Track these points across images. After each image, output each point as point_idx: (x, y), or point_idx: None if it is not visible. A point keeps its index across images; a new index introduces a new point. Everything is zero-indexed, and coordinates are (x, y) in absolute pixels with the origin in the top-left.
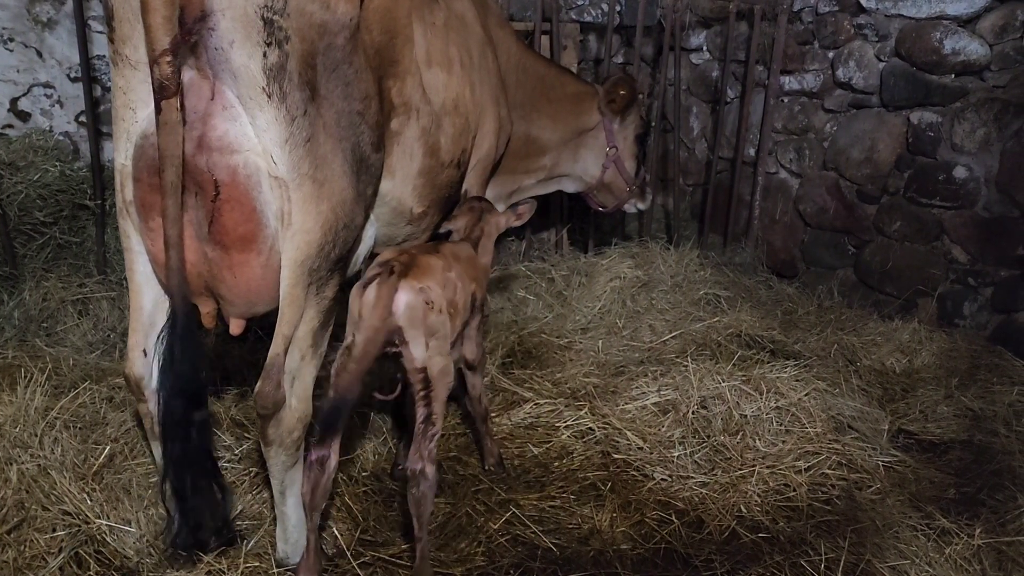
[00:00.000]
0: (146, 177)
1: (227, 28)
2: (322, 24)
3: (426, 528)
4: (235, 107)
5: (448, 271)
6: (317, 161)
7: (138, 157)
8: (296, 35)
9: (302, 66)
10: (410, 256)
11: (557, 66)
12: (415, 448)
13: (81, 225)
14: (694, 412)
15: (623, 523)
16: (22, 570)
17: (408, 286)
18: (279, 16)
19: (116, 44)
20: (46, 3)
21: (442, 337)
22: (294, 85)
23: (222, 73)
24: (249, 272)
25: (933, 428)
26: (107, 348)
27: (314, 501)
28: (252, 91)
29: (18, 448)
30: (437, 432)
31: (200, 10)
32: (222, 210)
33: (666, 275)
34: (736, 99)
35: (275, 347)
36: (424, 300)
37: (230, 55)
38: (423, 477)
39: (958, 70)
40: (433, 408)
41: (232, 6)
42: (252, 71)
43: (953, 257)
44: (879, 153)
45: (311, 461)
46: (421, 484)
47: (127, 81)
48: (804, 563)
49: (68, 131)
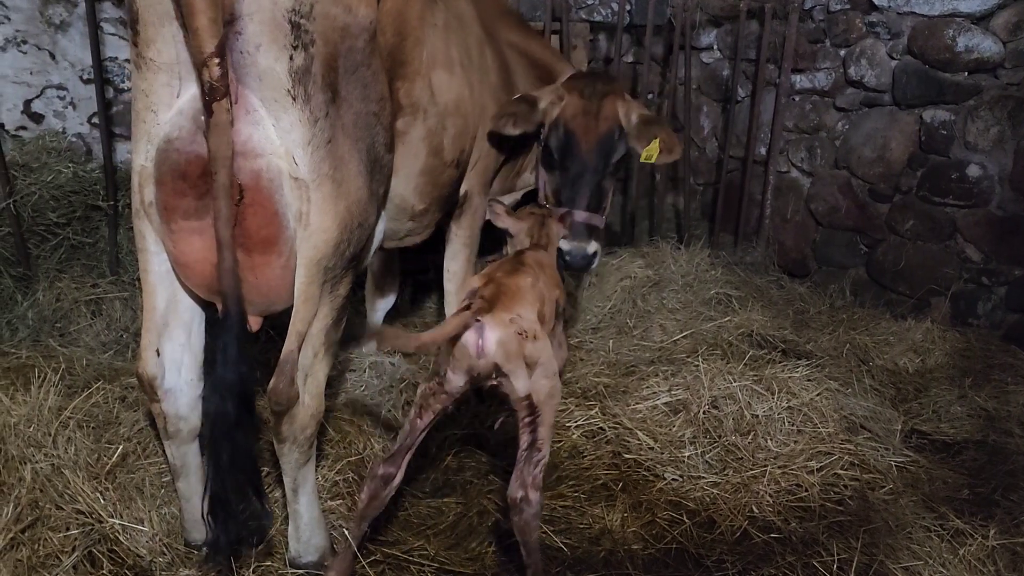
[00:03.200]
0: (170, 181)
1: (254, 32)
2: (344, 27)
3: (536, 554)
4: (258, 111)
5: (536, 284)
6: (336, 162)
7: (161, 161)
8: (320, 38)
9: (325, 68)
10: (496, 285)
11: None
12: (517, 475)
13: (94, 226)
14: (705, 412)
15: (634, 523)
16: (36, 568)
17: (496, 321)
18: (305, 20)
19: (140, 47)
20: (59, 5)
21: (545, 361)
22: (318, 87)
23: (246, 77)
24: (270, 273)
25: (946, 428)
26: (120, 348)
27: (367, 511)
28: (277, 94)
29: (32, 447)
30: (543, 458)
31: (228, 15)
32: (245, 214)
33: (677, 275)
34: (747, 98)
35: (289, 344)
36: (516, 331)
37: (256, 58)
38: (526, 504)
39: (971, 68)
40: (539, 434)
41: (260, 10)
42: (278, 74)
43: (967, 256)
44: (891, 152)
45: (376, 474)
46: (525, 511)
47: (149, 84)
48: (816, 564)
49: (81, 133)
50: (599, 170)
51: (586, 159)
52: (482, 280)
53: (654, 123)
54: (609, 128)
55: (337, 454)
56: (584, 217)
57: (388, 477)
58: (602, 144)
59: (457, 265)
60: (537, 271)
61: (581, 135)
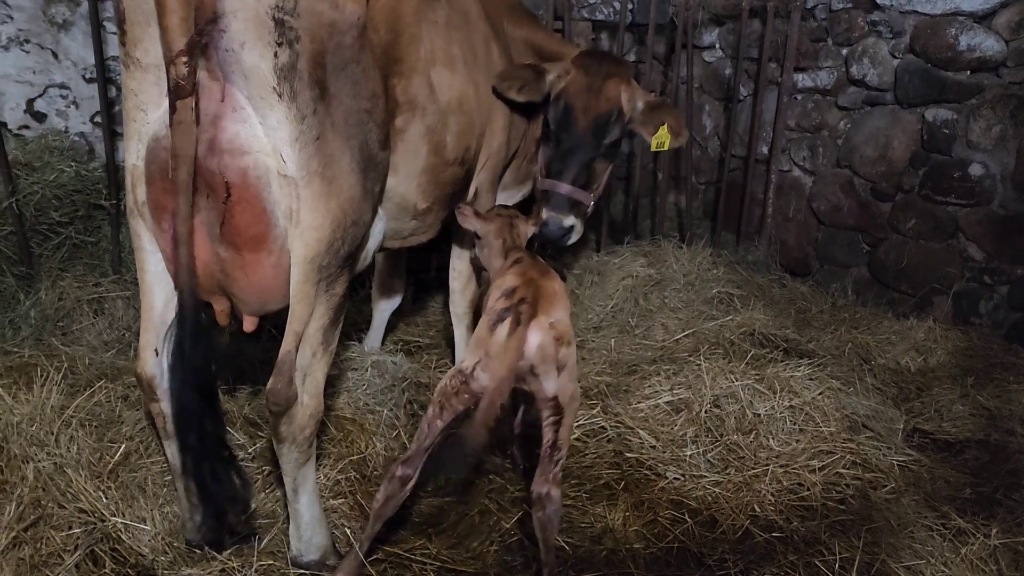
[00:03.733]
0: (159, 179)
1: (238, 30)
2: (331, 23)
3: (552, 552)
4: (245, 108)
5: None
6: (326, 159)
7: (150, 159)
8: (306, 35)
9: (312, 65)
10: (535, 287)
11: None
12: (541, 471)
13: (96, 225)
14: (707, 411)
15: (636, 522)
16: (38, 567)
17: (539, 326)
18: (290, 16)
19: (127, 47)
20: (62, 5)
21: (572, 365)
22: (304, 84)
23: (232, 75)
24: (261, 271)
25: (948, 427)
26: (122, 347)
27: (382, 511)
28: (263, 91)
29: (34, 446)
30: (563, 457)
31: (212, 12)
32: (233, 211)
33: (679, 273)
34: (749, 97)
35: (286, 344)
36: (554, 337)
37: (241, 56)
38: (549, 500)
39: (974, 66)
40: (560, 434)
41: (244, 8)
42: (263, 71)
43: (969, 255)
44: (893, 151)
45: (395, 475)
46: (547, 507)
47: (138, 83)
48: (818, 563)
49: (83, 132)
50: (591, 147)
51: (579, 134)
52: (518, 279)
53: (660, 108)
54: (608, 108)
55: (339, 453)
56: (567, 190)
57: (406, 479)
58: (598, 122)
59: (464, 264)
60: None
61: (579, 110)
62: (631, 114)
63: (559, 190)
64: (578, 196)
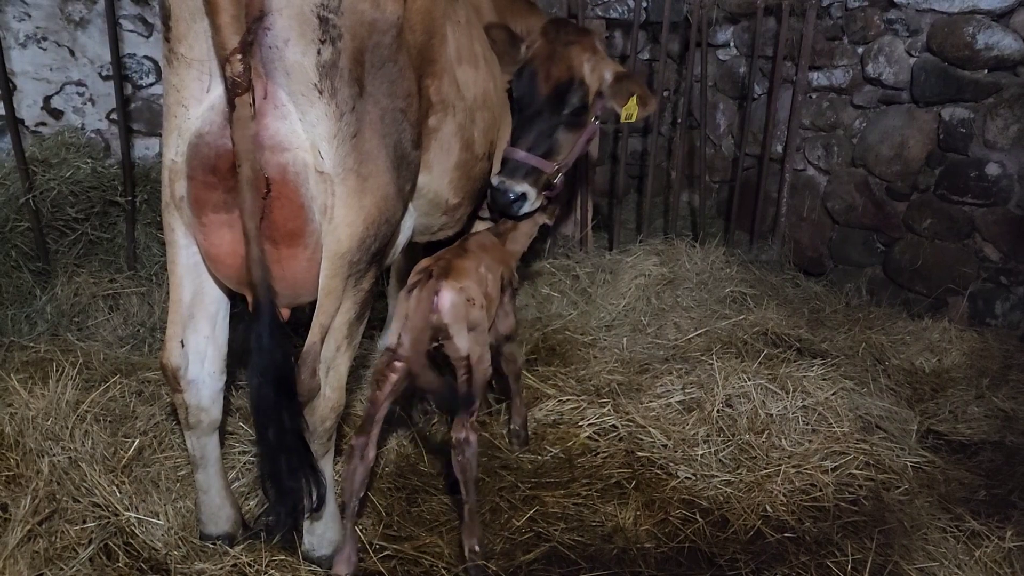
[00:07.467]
0: (200, 175)
1: (283, 27)
2: (372, 22)
3: (473, 493)
4: (286, 105)
5: (479, 268)
6: (362, 156)
7: (192, 155)
8: (348, 32)
9: (352, 63)
10: (446, 261)
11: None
12: (458, 421)
13: (112, 221)
14: (719, 410)
15: (647, 521)
16: (53, 560)
17: (449, 286)
18: (333, 14)
19: (172, 43)
20: (78, 2)
21: (482, 330)
22: (344, 82)
23: (274, 72)
24: (296, 265)
25: (963, 429)
26: (137, 343)
27: (350, 486)
28: (304, 87)
29: (50, 440)
30: (476, 408)
31: (259, 10)
32: (272, 207)
33: (692, 272)
34: (763, 95)
35: (312, 336)
36: (465, 298)
37: (284, 53)
38: (467, 444)
39: (991, 65)
40: (473, 390)
41: (289, 5)
42: (306, 68)
43: (985, 255)
44: (909, 150)
45: (352, 446)
46: (466, 451)
47: (181, 79)
48: (830, 564)
49: (100, 129)
50: (550, 114)
51: (539, 100)
52: (431, 260)
53: (628, 79)
54: (567, 76)
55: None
56: (523, 156)
57: (361, 447)
58: (558, 89)
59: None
60: (480, 254)
61: (541, 78)
62: (599, 84)
63: (515, 156)
64: (534, 162)
